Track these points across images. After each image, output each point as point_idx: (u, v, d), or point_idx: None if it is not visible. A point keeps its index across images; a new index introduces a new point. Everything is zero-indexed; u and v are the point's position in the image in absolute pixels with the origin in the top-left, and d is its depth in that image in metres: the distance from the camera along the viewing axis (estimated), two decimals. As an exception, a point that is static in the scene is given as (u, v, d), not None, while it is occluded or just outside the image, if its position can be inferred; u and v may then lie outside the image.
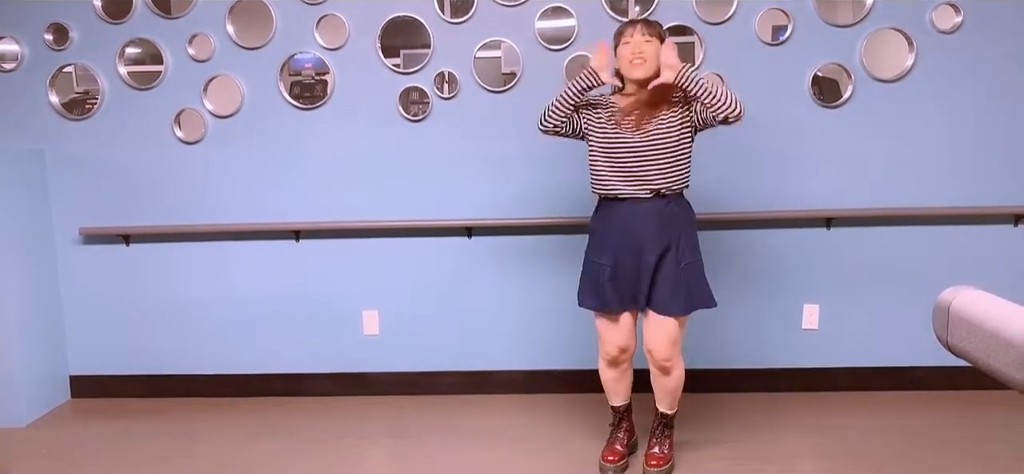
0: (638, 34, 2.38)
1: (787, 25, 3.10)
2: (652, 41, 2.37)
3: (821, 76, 3.14)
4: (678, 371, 2.55)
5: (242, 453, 2.94)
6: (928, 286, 3.23)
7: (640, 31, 2.38)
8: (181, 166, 3.36)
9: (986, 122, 3.12)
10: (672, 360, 2.49)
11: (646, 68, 2.36)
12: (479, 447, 2.92)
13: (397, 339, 3.45)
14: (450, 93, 3.23)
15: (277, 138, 3.31)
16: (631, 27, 2.41)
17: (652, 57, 2.36)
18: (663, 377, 2.56)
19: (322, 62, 3.25)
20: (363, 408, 3.37)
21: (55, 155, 3.39)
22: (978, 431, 2.92)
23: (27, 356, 3.31)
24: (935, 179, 3.17)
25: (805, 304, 3.31)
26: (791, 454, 2.79)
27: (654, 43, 2.37)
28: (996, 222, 3.21)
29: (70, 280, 3.48)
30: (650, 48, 2.36)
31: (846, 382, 3.35)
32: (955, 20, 3.05)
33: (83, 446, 3.05)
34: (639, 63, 2.36)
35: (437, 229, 3.33)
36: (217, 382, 3.53)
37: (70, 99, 3.35)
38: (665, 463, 2.63)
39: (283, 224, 3.35)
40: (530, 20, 3.16)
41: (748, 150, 3.18)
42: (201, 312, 3.48)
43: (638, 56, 2.36)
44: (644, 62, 2.36)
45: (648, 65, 2.36)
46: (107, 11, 3.25)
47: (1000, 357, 0.89)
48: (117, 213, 3.41)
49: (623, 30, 2.43)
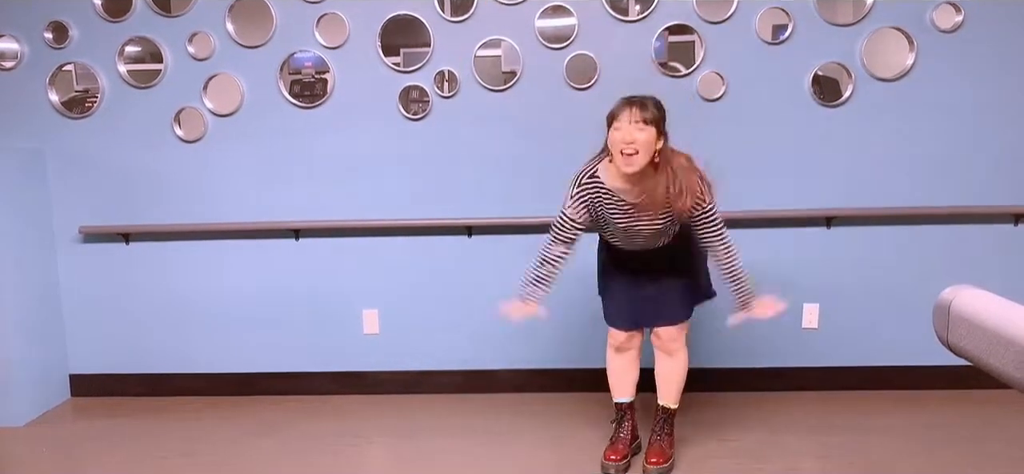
0: (628, 122, 2.20)
1: (787, 24, 3.10)
2: (645, 129, 2.20)
3: (821, 75, 3.14)
4: (683, 355, 2.65)
5: (242, 451, 2.93)
6: (928, 285, 3.21)
7: (633, 117, 2.20)
8: (181, 165, 3.36)
9: (986, 121, 3.12)
10: (677, 341, 2.62)
11: (638, 160, 2.20)
12: (479, 446, 2.92)
13: (397, 338, 3.45)
14: (450, 92, 3.23)
15: (277, 137, 3.31)
16: (625, 110, 2.23)
17: (644, 146, 2.19)
18: (668, 360, 2.64)
19: (322, 61, 3.24)
20: (363, 407, 3.37)
21: (55, 154, 3.38)
22: (978, 430, 2.92)
23: (27, 354, 3.31)
24: (935, 178, 3.17)
25: (805, 303, 3.31)
26: (791, 453, 2.79)
27: (647, 131, 2.20)
28: (996, 221, 3.21)
29: (70, 279, 3.48)
30: (643, 137, 2.19)
31: (846, 381, 3.35)
32: (956, 19, 3.05)
33: (83, 445, 3.05)
34: (630, 155, 2.19)
35: (437, 228, 3.33)
36: (217, 381, 3.53)
37: (70, 97, 3.35)
38: (665, 461, 2.64)
39: (283, 223, 3.35)
40: (530, 19, 3.16)
41: (748, 149, 3.18)
42: (201, 311, 3.47)
43: (629, 146, 2.19)
44: (636, 153, 2.19)
45: (640, 157, 2.20)
46: (107, 9, 3.25)
47: (1001, 356, 0.89)
48: (117, 212, 3.40)
49: (616, 113, 2.26)
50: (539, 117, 3.18)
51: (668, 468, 2.64)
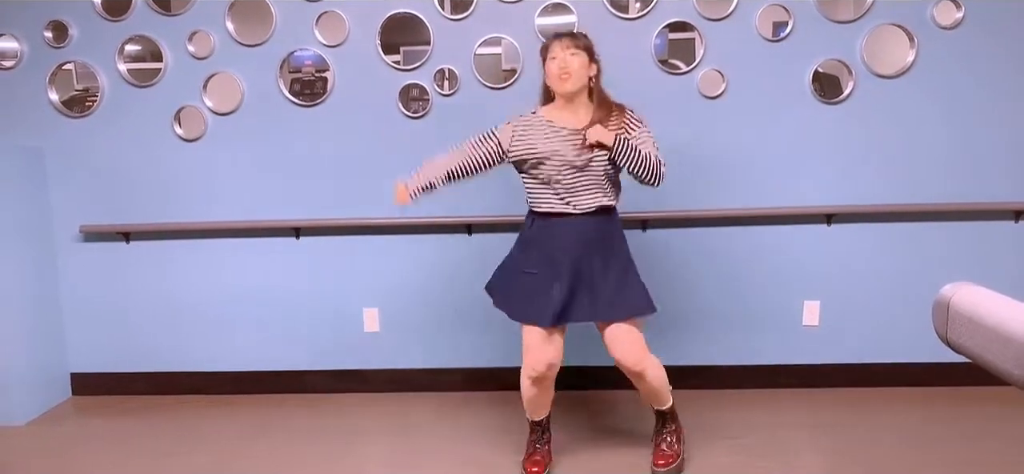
0: (563, 49, 2.36)
1: (788, 21, 3.10)
2: (578, 54, 2.36)
3: (822, 72, 3.14)
4: (652, 370, 2.46)
5: (242, 450, 2.94)
6: (928, 282, 3.21)
7: (565, 45, 2.37)
8: (181, 163, 3.36)
9: (987, 118, 3.12)
10: (642, 363, 2.42)
11: (573, 81, 2.36)
12: (479, 444, 2.92)
13: (398, 336, 3.45)
14: (450, 90, 3.23)
15: (277, 135, 3.31)
16: (556, 42, 2.39)
17: (578, 70, 2.36)
18: (639, 382, 2.49)
19: (322, 59, 3.24)
20: (364, 405, 3.37)
21: (55, 153, 3.39)
22: (977, 427, 2.92)
23: (27, 354, 3.31)
24: (935, 175, 3.17)
25: (805, 300, 3.31)
26: (791, 450, 2.79)
27: (580, 55, 2.36)
28: (996, 218, 3.20)
29: (70, 278, 3.49)
30: (576, 61, 2.35)
31: (846, 378, 3.35)
32: (956, 16, 3.05)
33: (83, 444, 3.06)
34: (566, 77, 2.35)
35: (438, 226, 3.33)
36: (218, 379, 3.53)
37: (70, 96, 3.35)
38: (674, 460, 2.58)
39: (283, 221, 3.35)
40: (530, 16, 3.16)
41: (749, 147, 3.18)
42: (202, 309, 3.48)
43: (565, 71, 2.35)
44: (570, 76, 2.35)
45: (575, 78, 2.36)
46: (107, 8, 3.25)
47: (1000, 353, 0.89)
48: (117, 211, 3.41)
49: (549, 45, 2.41)
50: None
51: (677, 467, 2.58)
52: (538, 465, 2.62)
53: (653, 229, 3.28)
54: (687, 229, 3.28)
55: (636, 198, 3.20)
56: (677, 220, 3.26)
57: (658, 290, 3.30)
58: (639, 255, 3.28)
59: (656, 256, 3.29)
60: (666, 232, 3.28)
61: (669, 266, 3.30)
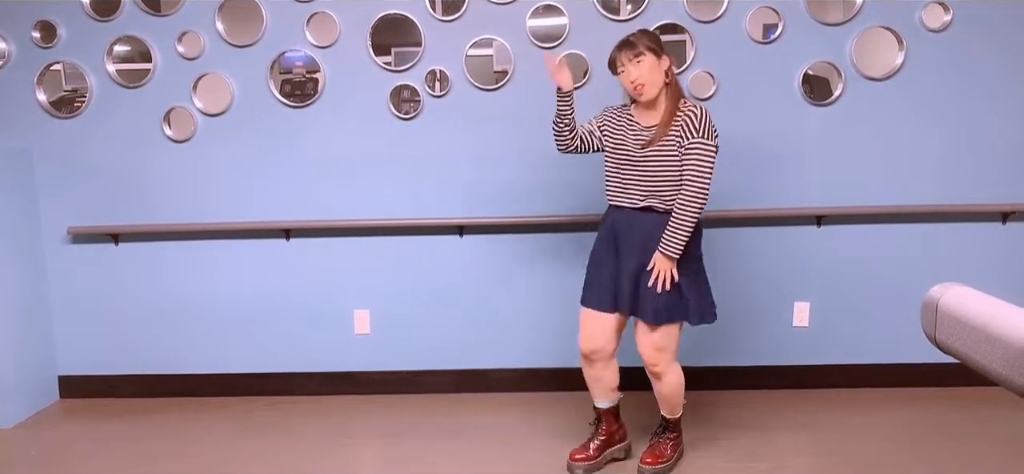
0: (628, 60, 2.35)
1: (778, 23, 3.11)
2: (643, 57, 2.34)
3: (811, 74, 3.15)
4: (670, 377, 2.52)
5: (232, 453, 2.92)
6: (917, 283, 3.24)
7: (629, 57, 2.35)
8: (170, 165, 3.34)
9: (975, 120, 3.14)
10: (659, 365, 2.48)
11: (649, 90, 2.35)
12: (471, 446, 2.91)
13: (388, 338, 3.45)
14: (441, 91, 3.22)
15: (267, 136, 3.30)
16: (621, 54, 2.37)
17: (648, 72, 2.33)
18: (655, 382, 2.56)
19: (313, 60, 3.23)
20: (354, 407, 3.36)
21: (43, 154, 3.36)
22: (966, 427, 2.94)
23: (15, 356, 3.28)
24: (924, 177, 3.19)
25: (796, 302, 3.33)
26: (782, 451, 2.80)
27: (646, 58, 2.34)
28: (985, 219, 3.23)
29: (58, 279, 3.46)
30: (644, 67, 2.33)
31: (836, 379, 3.37)
32: (944, 19, 3.07)
33: (71, 446, 3.03)
34: (640, 89, 2.35)
35: (428, 227, 3.32)
36: (207, 381, 3.51)
37: (58, 97, 3.33)
38: (658, 462, 2.62)
39: (273, 223, 3.34)
40: (522, 18, 3.16)
41: (738, 148, 3.19)
42: (191, 311, 3.46)
43: (637, 83, 2.34)
44: (644, 85, 2.34)
45: (650, 86, 2.34)
46: (95, 8, 3.23)
47: (988, 354, 0.90)
48: (106, 212, 3.38)
49: (615, 59, 2.40)
50: (530, 117, 3.18)
51: (662, 469, 2.62)
52: (582, 454, 2.67)
53: (644, 230, 3.28)
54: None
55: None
56: (668, 221, 3.26)
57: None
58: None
59: (647, 257, 3.30)
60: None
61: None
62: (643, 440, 2.74)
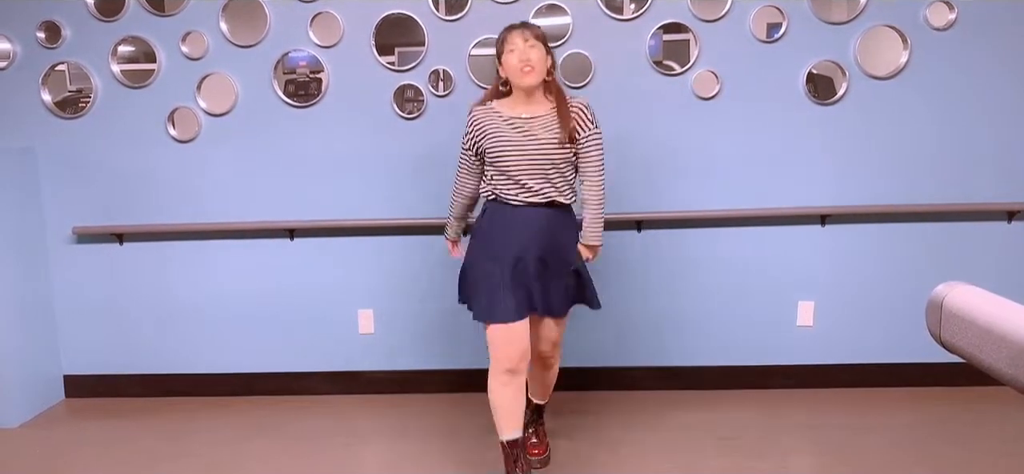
0: (522, 40, 2.32)
1: (781, 22, 3.10)
2: (536, 45, 2.33)
3: (815, 73, 3.15)
4: (558, 362, 2.69)
5: (237, 452, 2.93)
6: (922, 282, 3.24)
7: (523, 37, 2.33)
8: (175, 165, 3.34)
9: (980, 119, 3.13)
10: (555, 355, 2.64)
11: (535, 75, 2.32)
12: (473, 445, 2.91)
13: (392, 337, 3.45)
14: (445, 91, 3.23)
15: (271, 136, 3.30)
16: (514, 33, 2.34)
17: (538, 61, 2.31)
18: (545, 372, 2.67)
19: (316, 60, 3.24)
20: (358, 407, 3.36)
21: (47, 154, 3.37)
22: (971, 427, 2.93)
23: (20, 356, 3.30)
24: (929, 176, 3.18)
25: (800, 301, 3.32)
26: (786, 451, 2.80)
27: (538, 47, 2.33)
28: (989, 218, 3.22)
29: (63, 279, 3.47)
30: (535, 53, 2.32)
31: (841, 378, 3.36)
32: (949, 17, 3.06)
33: (76, 446, 3.04)
34: (529, 71, 2.31)
35: (432, 227, 3.32)
36: (212, 381, 3.52)
37: (63, 97, 3.34)
38: (547, 450, 2.77)
39: (278, 223, 3.34)
40: (525, 17, 3.15)
41: (743, 147, 3.19)
42: (195, 311, 3.47)
43: (526, 64, 2.30)
44: (532, 69, 2.30)
45: (537, 72, 2.32)
46: (100, 9, 3.23)
47: (993, 353, 0.89)
48: (110, 212, 3.39)
49: (505, 37, 2.36)
50: (534, 116, 3.17)
51: (547, 459, 2.75)
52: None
53: (648, 230, 3.28)
54: (682, 230, 3.28)
55: (632, 199, 3.22)
56: (672, 221, 3.26)
57: (652, 290, 3.33)
58: (634, 256, 3.30)
59: (651, 257, 3.29)
60: (661, 233, 3.29)
61: (663, 267, 3.30)
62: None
